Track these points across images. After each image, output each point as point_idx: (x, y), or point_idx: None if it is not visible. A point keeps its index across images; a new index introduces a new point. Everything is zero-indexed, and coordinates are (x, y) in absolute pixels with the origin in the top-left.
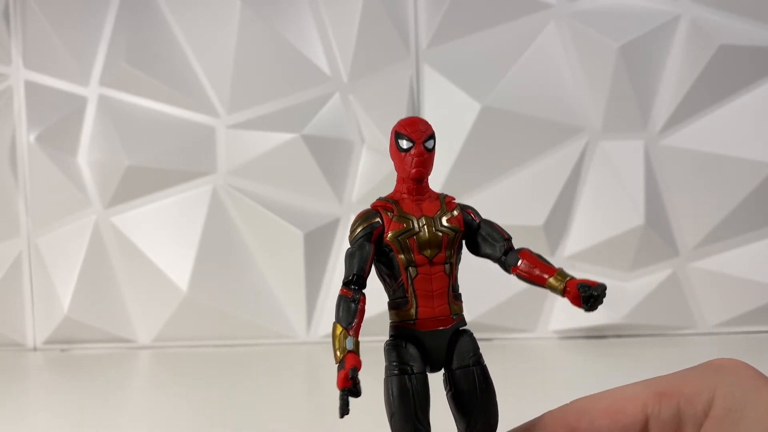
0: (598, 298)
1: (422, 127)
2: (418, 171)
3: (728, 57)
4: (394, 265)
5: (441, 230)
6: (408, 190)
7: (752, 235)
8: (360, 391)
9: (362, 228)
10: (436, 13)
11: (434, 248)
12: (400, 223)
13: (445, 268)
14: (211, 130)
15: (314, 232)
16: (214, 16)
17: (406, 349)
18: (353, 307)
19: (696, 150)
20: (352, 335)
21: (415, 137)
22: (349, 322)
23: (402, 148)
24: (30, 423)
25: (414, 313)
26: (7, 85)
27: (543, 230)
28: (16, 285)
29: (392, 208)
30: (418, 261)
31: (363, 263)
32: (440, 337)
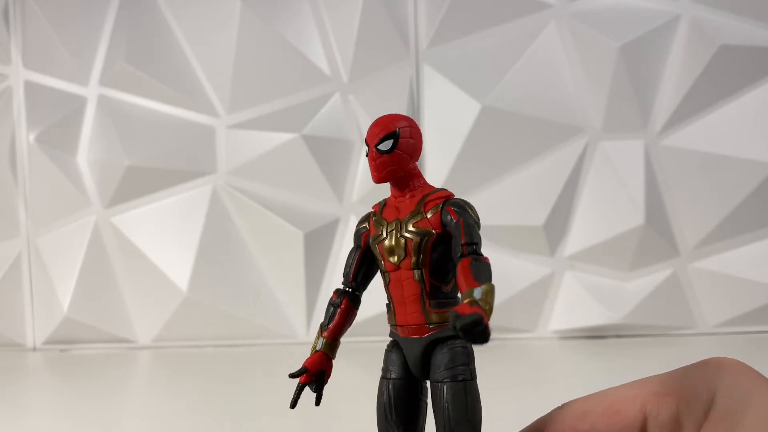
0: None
1: (377, 129)
2: (373, 175)
3: (728, 57)
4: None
5: (404, 236)
6: (392, 193)
7: (752, 235)
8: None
9: (356, 231)
10: (436, 13)
11: (399, 254)
12: (375, 228)
13: (414, 273)
14: (211, 130)
15: (314, 232)
16: (214, 16)
17: (391, 353)
18: (332, 310)
19: (696, 150)
20: (325, 336)
21: (369, 140)
22: (326, 324)
23: (380, 149)
24: (30, 423)
25: (393, 317)
26: (7, 85)
27: (543, 230)
28: (16, 285)
29: (377, 210)
30: (387, 267)
31: (349, 268)
32: (414, 345)
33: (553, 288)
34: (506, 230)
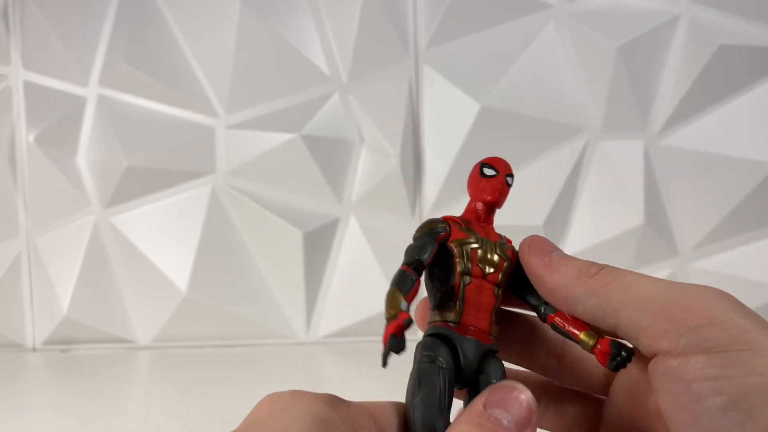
0: (625, 359)
1: (506, 164)
2: (494, 196)
3: (728, 57)
4: (450, 269)
5: (499, 254)
6: (476, 215)
7: (752, 235)
8: (405, 346)
9: (429, 228)
10: (435, 13)
11: (492, 267)
12: (466, 234)
13: (494, 289)
14: (211, 130)
15: (314, 232)
16: (213, 16)
17: (441, 346)
18: (412, 279)
19: (696, 150)
20: (407, 300)
21: (500, 169)
22: (407, 289)
23: (485, 174)
24: (30, 423)
25: (458, 316)
26: (6, 86)
27: (543, 230)
28: (15, 285)
29: (460, 222)
30: (474, 272)
31: (426, 252)
32: (476, 347)
33: None
34: (506, 230)
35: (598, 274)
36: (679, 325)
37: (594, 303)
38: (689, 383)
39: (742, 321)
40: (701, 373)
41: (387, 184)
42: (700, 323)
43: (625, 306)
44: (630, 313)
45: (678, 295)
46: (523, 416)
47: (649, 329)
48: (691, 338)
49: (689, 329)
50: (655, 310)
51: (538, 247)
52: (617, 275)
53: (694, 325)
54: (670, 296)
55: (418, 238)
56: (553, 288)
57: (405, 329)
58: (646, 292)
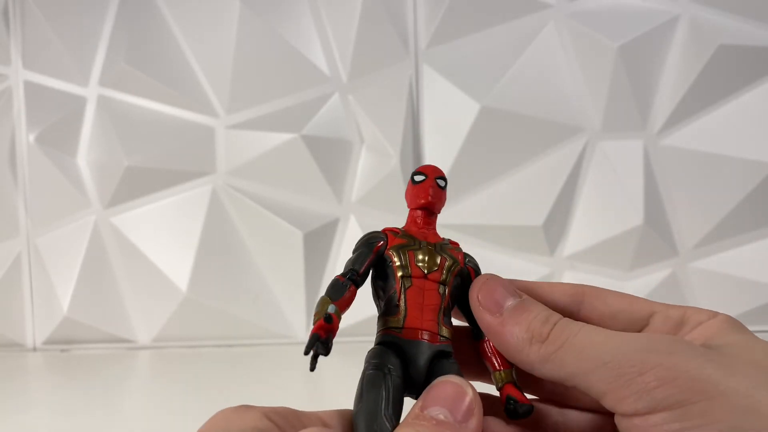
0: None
1: (435, 168)
2: (426, 198)
3: (728, 57)
4: (389, 275)
5: (440, 254)
6: (415, 221)
7: (752, 235)
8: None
9: (366, 239)
10: (435, 13)
11: (431, 265)
12: (403, 239)
13: (439, 287)
14: (211, 130)
15: (314, 232)
16: (213, 16)
17: (388, 354)
18: (344, 286)
19: (696, 150)
20: (337, 305)
21: (428, 173)
22: (338, 295)
23: (415, 181)
24: (30, 423)
25: (402, 320)
26: (7, 86)
27: (542, 230)
28: (16, 285)
29: (398, 231)
30: (414, 273)
31: (359, 263)
32: (423, 349)
33: None
34: (505, 230)
35: (549, 337)
36: (636, 390)
37: (550, 369)
38: None
39: (695, 371)
40: (663, 429)
41: (387, 184)
42: (655, 385)
43: (580, 373)
44: (586, 380)
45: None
46: (462, 408)
47: (607, 395)
48: (648, 401)
49: (645, 392)
50: (610, 376)
51: (488, 299)
52: (568, 335)
53: (650, 387)
54: (621, 359)
55: (355, 249)
56: (507, 351)
57: (330, 331)
58: (598, 356)
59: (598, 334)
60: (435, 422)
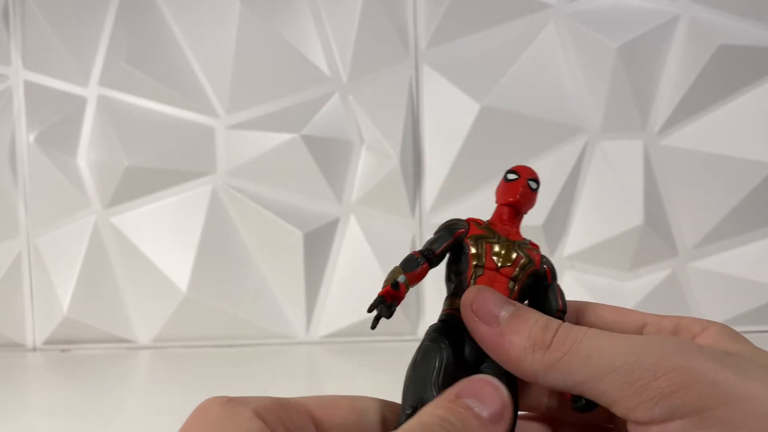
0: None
1: (530, 170)
2: (515, 197)
3: (728, 57)
4: (463, 262)
5: (517, 251)
6: (501, 217)
7: (752, 235)
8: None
9: (448, 225)
10: (435, 13)
11: (506, 261)
12: (484, 231)
13: (509, 282)
14: (211, 130)
15: (314, 232)
16: (213, 16)
17: (448, 331)
18: (417, 262)
19: (696, 150)
20: (408, 277)
21: (522, 173)
22: (409, 268)
23: (507, 179)
24: (30, 423)
25: None
26: (7, 86)
27: (542, 230)
28: (16, 285)
29: (481, 222)
30: (488, 264)
31: (438, 244)
32: None
33: None
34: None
35: (553, 344)
36: (650, 396)
37: (555, 377)
38: None
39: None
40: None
41: (387, 184)
42: (671, 390)
43: (589, 380)
44: (595, 388)
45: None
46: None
47: (619, 402)
48: (665, 408)
49: (661, 398)
50: (622, 382)
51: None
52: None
53: (666, 393)
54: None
55: (436, 232)
56: (508, 362)
57: (396, 298)
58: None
59: (605, 338)
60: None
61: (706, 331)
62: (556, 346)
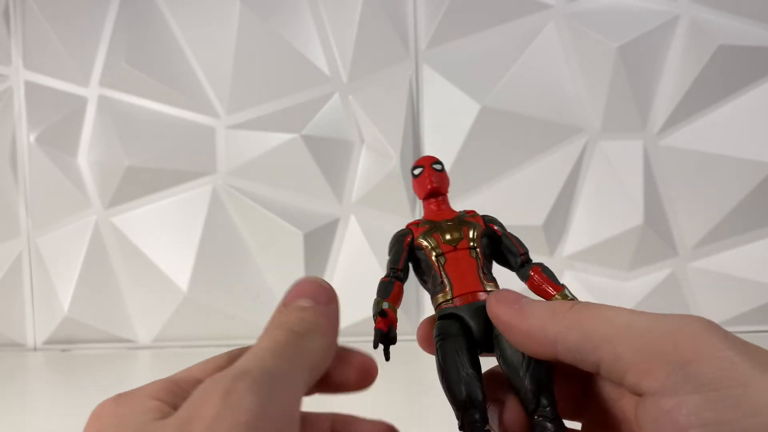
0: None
1: (428, 157)
2: (431, 184)
3: (728, 57)
4: (426, 259)
5: (461, 225)
6: (430, 208)
7: (752, 235)
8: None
9: (395, 239)
10: (435, 13)
11: (457, 236)
12: (425, 226)
13: (470, 252)
14: (211, 130)
15: (314, 232)
16: (213, 17)
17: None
18: (389, 284)
19: (695, 150)
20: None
21: (423, 163)
22: (387, 293)
23: (415, 174)
24: (31, 422)
25: (450, 292)
26: (7, 86)
27: (542, 230)
28: (16, 285)
29: (419, 221)
30: (444, 249)
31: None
32: (477, 309)
33: None
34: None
35: (573, 308)
36: (667, 361)
37: (574, 339)
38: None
39: (731, 353)
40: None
41: (387, 184)
42: (688, 358)
43: (608, 340)
44: (614, 348)
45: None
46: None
47: (634, 366)
48: (679, 375)
49: (677, 365)
50: (640, 345)
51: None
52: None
53: (682, 361)
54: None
55: (389, 251)
56: (529, 331)
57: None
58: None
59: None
60: (300, 308)
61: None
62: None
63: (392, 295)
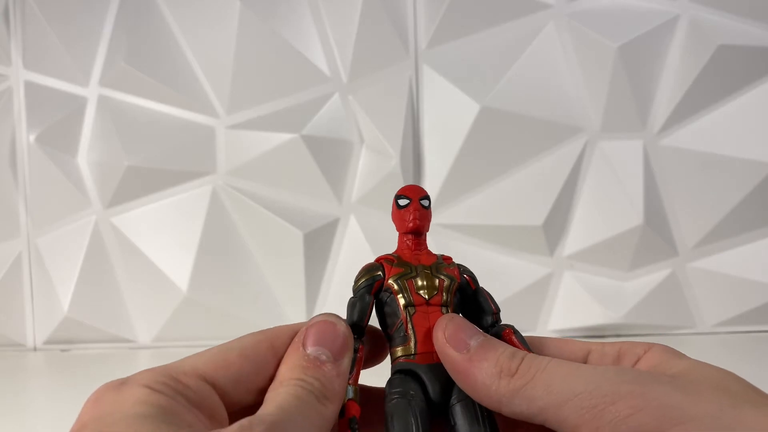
0: None
1: (418, 189)
2: (414, 222)
3: (728, 57)
4: (393, 306)
5: (437, 276)
6: (407, 245)
7: (752, 235)
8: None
9: (365, 279)
10: (435, 13)
11: (431, 291)
12: (400, 268)
13: (442, 309)
14: (211, 130)
15: (314, 232)
16: (213, 17)
17: (407, 381)
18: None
19: (695, 150)
20: (350, 383)
21: (412, 195)
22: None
23: (400, 205)
24: (30, 423)
25: (413, 347)
26: (7, 86)
27: (542, 230)
28: (16, 285)
29: (393, 259)
30: (416, 301)
31: (362, 313)
32: (439, 371)
33: (552, 288)
34: (505, 230)
35: (518, 371)
36: (609, 419)
37: (518, 405)
38: None
39: (666, 398)
40: None
41: (387, 184)
42: (628, 413)
43: (550, 407)
44: (557, 414)
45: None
46: (338, 345)
47: (580, 428)
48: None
49: (619, 421)
50: (582, 407)
51: (454, 337)
52: (537, 368)
53: (623, 416)
54: (593, 390)
55: (356, 292)
56: (475, 388)
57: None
58: (568, 388)
59: (566, 367)
60: (319, 363)
61: (648, 353)
62: (521, 374)
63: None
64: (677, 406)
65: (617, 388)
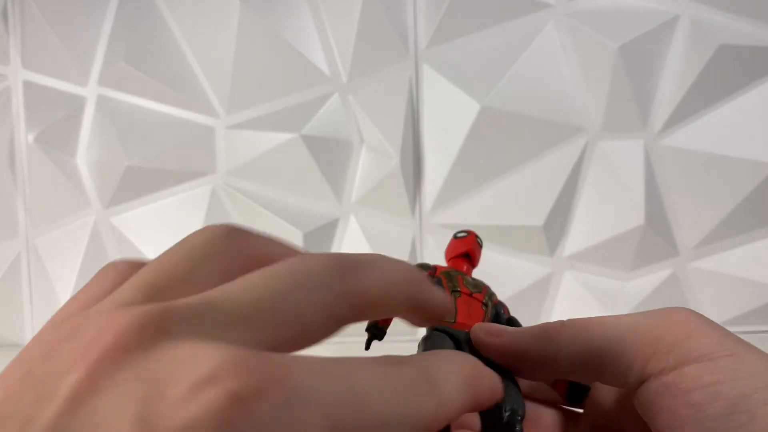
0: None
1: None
2: (467, 247)
3: (728, 57)
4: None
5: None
6: (458, 264)
7: (753, 235)
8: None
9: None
10: (435, 13)
11: (476, 288)
12: (449, 269)
13: (482, 305)
14: (211, 130)
15: (314, 232)
16: (213, 16)
17: (443, 338)
18: None
19: (696, 150)
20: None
21: (470, 232)
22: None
23: (457, 236)
24: None
25: (453, 317)
26: (6, 86)
27: (543, 230)
28: (15, 285)
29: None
30: (462, 290)
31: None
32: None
33: (553, 288)
34: (506, 230)
35: (565, 325)
36: (664, 344)
37: (577, 350)
38: (687, 394)
39: (718, 331)
40: (695, 382)
41: (387, 184)
42: (684, 336)
43: (609, 343)
44: (616, 346)
45: (653, 320)
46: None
47: (636, 358)
48: (677, 353)
49: (674, 344)
50: (638, 339)
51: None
52: (583, 321)
53: (678, 340)
54: (645, 323)
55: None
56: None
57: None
58: (622, 325)
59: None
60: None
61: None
62: (570, 325)
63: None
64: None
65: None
